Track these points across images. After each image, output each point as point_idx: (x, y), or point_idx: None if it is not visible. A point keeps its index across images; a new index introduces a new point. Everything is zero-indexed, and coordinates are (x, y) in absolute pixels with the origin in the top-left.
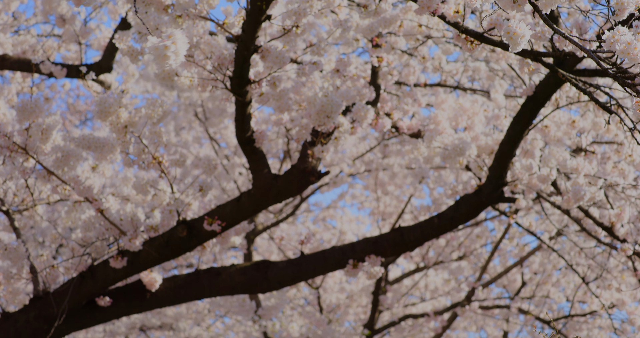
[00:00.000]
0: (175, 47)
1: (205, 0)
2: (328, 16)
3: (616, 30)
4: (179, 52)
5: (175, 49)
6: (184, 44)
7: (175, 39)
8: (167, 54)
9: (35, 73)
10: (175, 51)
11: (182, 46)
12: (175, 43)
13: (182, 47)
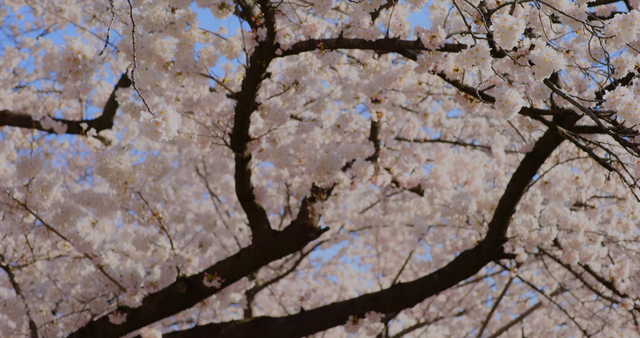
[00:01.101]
0: (166, 123)
1: (205, 58)
2: (328, 72)
3: (617, 91)
4: (170, 128)
5: (166, 125)
6: (175, 119)
7: (167, 115)
8: (158, 130)
9: (35, 129)
10: (167, 127)
11: (174, 121)
12: (166, 119)
13: (173, 123)
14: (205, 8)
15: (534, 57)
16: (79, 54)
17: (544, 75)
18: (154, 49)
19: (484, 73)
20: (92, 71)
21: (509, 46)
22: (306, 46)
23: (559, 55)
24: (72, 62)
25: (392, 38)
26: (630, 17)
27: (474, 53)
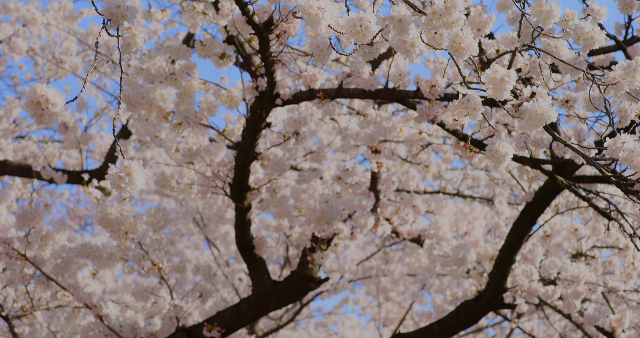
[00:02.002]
0: (129, 178)
1: (205, 108)
2: (328, 123)
3: (618, 138)
4: (134, 183)
5: (129, 180)
6: (141, 175)
7: (131, 170)
8: (121, 185)
9: (35, 179)
10: (130, 182)
11: (139, 177)
12: (130, 175)
13: (138, 179)
14: (205, 58)
15: (526, 110)
16: (42, 97)
17: (535, 127)
18: (154, 99)
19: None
20: (55, 115)
21: (500, 97)
22: (306, 96)
23: (551, 107)
24: (36, 105)
25: (391, 88)
26: (634, 64)
27: (465, 103)
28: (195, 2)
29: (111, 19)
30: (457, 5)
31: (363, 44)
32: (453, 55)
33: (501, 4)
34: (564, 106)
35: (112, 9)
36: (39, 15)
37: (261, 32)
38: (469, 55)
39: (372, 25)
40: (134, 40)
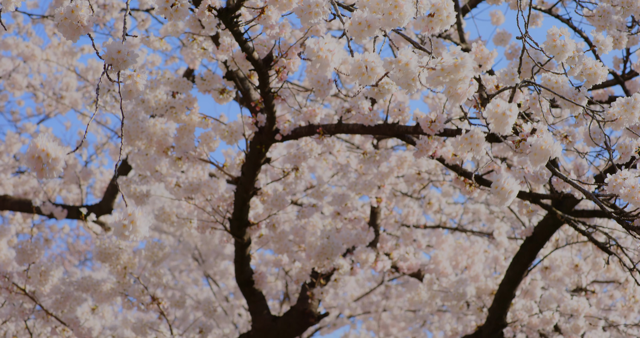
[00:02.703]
0: (133, 226)
1: (205, 143)
2: (328, 159)
3: (619, 174)
4: (138, 230)
5: (133, 228)
6: (144, 222)
7: (135, 218)
8: (125, 233)
9: (35, 214)
10: (134, 230)
11: (142, 224)
12: (133, 222)
13: (141, 226)
14: (205, 93)
15: (531, 145)
16: (43, 152)
17: (540, 162)
18: (154, 133)
19: (482, 158)
20: (55, 168)
21: (503, 132)
22: (306, 131)
23: (555, 142)
24: (36, 160)
25: (391, 123)
26: (632, 101)
27: (469, 139)
28: (194, 36)
29: (112, 64)
30: (466, 64)
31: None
32: (450, 100)
33: (498, 37)
34: (564, 141)
35: (113, 53)
36: (38, 51)
37: (261, 68)
38: (465, 100)
39: (378, 67)
40: (136, 87)
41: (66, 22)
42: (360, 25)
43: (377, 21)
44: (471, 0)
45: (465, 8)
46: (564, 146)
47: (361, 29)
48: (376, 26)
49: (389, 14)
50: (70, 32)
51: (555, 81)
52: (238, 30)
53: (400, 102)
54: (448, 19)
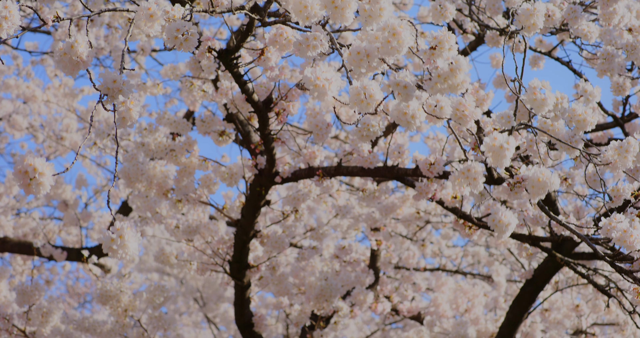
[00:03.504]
0: (121, 241)
1: (205, 185)
2: (327, 201)
3: (612, 218)
4: (126, 246)
5: (121, 242)
6: (133, 238)
7: (123, 233)
8: (113, 247)
9: (35, 256)
10: (122, 245)
11: (131, 240)
12: (122, 237)
13: (130, 242)
14: (205, 135)
15: (529, 177)
16: (30, 166)
17: (538, 195)
18: (154, 176)
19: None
20: (42, 184)
21: (501, 165)
22: (305, 174)
23: (553, 174)
24: (24, 175)
25: (390, 166)
26: (625, 144)
27: (466, 173)
28: (194, 79)
29: (107, 94)
30: (461, 67)
31: (361, 126)
32: (457, 122)
33: (498, 81)
34: (563, 184)
35: (108, 83)
36: (39, 93)
37: (260, 110)
38: (472, 123)
39: (377, 93)
40: (129, 114)
41: (65, 57)
42: (359, 54)
43: (375, 50)
44: (471, 43)
45: (465, 51)
46: (562, 191)
47: (360, 59)
48: (375, 56)
49: (387, 42)
50: (69, 67)
51: (551, 123)
52: (238, 72)
53: (399, 145)
54: (450, 51)
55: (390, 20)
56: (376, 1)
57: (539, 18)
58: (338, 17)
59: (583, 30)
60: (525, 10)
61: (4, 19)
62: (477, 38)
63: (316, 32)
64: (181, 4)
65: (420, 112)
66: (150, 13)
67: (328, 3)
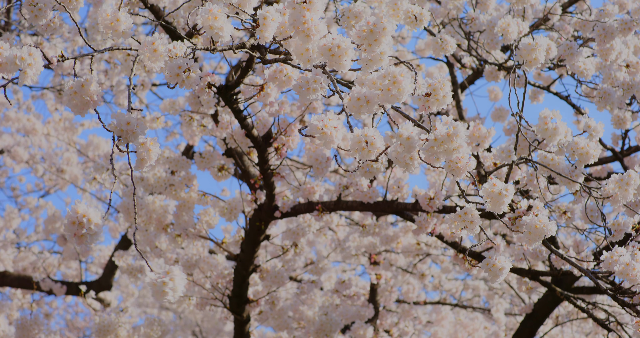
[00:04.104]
0: (173, 283)
1: (204, 220)
2: (327, 235)
3: (614, 251)
4: (177, 288)
5: (173, 285)
6: (181, 280)
7: (174, 275)
8: (165, 290)
9: (35, 290)
10: (173, 287)
11: (180, 282)
12: (173, 279)
13: (179, 284)
14: (205, 170)
15: (526, 224)
16: (84, 217)
17: (535, 241)
18: (154, 210)
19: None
20: (96, 234)
21: (498, 211)
22: (305, 208)
23: (550, 221)
24: (77, 225)
25: (390, 200)
26: (626, 177)
27: (462, 216)
28: (193, 114)
29: (121, 136)
30: (459, 133)
31: (363, 163)
32: (450, 174)
33: (496, 114)
34: (562, 217)
35: (122, 125)
36: (39, 126)
37: (260, 145)
38: (465, 174)
39: (378, 142)
40: (149, 155)
41: (76, 96)
42: (359, 100)
43: (376, 97)
44: (469, 77)
45: (463, 84)
46: (562, 225)
47: (360, 105)
48: (375, 102)
49: (387, 89)
50: (79, 106)
51: (551, 157)
52: (237, 108)
53: (399, 179)
54: (444, 99)
55: (391, 68)
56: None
57: (541, 53)
58: (335, 64)
59: (579, 67)
60: (527, 45)
61: (29, 67)
62: (476, 72)
63: (316, 75)
64: (180, 41)
65: (419, 153)
66: (154, 48)
67: (325, 50)
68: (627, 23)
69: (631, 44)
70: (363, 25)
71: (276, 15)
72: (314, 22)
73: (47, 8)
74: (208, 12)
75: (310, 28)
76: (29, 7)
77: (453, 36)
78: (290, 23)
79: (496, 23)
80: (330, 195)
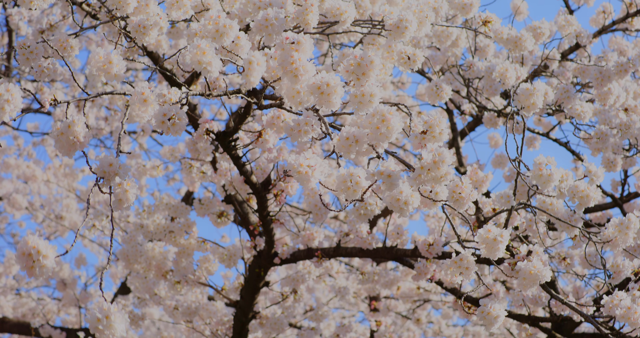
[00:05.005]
0: (107, 321)
1: (204, 267)
2: (327, 280)
3: (615, 295)
4: (113, 326)
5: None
6: (120, 319)
7: (109, 313)
8: (99, 327)
9: (34, 337)
10: (108, 325)
11: (118, 321)
12: (108, 317)
13: (117, 323)
14: (204, 217)
15: (521, 269)
16: (34, 249)
17: (529, 287)
18: (153, 257)
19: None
20: (46, 267)
21: (494, 257)
22: (304, 255)
23: (546, 267)
24: (27, 257)
25: (389, 246)
26: (626, 221)
27: (458, 262)
28: (192, 160)
29: (104, 177)
30: (445, 159)
31: (358, 205)
32: (453, 205)
33: (496, 160)
34: (562, 264)
35: (104, 166)
36: (39, 173)
37: (259, 192)
38: (468, 205)
39: (362, 180)
40: (126, 196)
41: (62, 137)
42: (348, 140)
43: (365, 136)
44: (469, 124)
45: (463, 131)
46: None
47: (349, 144)
48: (364, 141)
49: (376, 128)
50: (66, 147)
51: (550, 203)
52: (236, 154)
53: (398, 225)
54: (440, 136)
55: (379, 106)
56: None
57: (539, 98)
58: (325, 103)
59: (576, 110)
60: (525, 89)
61: (7, 103)
62: (475, 119)
63: (308, 118)
64: (178, 88)
65: (414, 197)
66: (143, 97)
67: (314, 89)
68: (623, 65)
69: (630, 90)
70: (350, 60)
71: (262, 60)
72: (302, 62)
73: (38, 51)
74: (196, 47)
75: (298, 68)
76: (21, 51)
77: (452, 83)
78: (279, 64)
79: (494, 69)
80: (330, 241)
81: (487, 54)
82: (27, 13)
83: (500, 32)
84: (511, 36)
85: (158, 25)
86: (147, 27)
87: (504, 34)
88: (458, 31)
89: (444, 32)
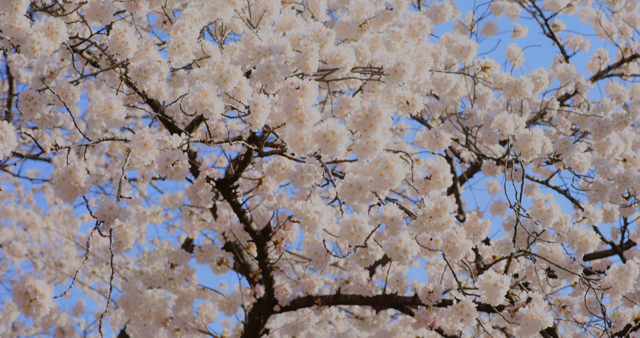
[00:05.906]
0: None
1: (203, 314)
2: (327, 327)
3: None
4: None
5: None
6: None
7: None
8: None
9: None
10: None
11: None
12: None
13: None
14: (204, 264)
15: (522, 315)
16: (31, 287)
17: (531, 333)
18: (153, 304)
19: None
20: (42, 305)
21: (494, 303)
22: (304, 302)
23: (547, 313)
24: (24, 296)
25: (389, 294)
26: (626, 268)
27: (459, 309)
28: (192, 208)
29: (104, 221)
30: (447, 207)
31: (359, 250)
32: (447, 256)
33: (495, 207)
34: (562, 311)
35: (105, 210)
36: (39, 220)
37: (259, 239)
38: (463, 255)
39: (366, 226)
40: (125, 238)
41: (64, 183)
42: (351, 187)
43: (368, 183)
44: (468, 170)
45: (462, 178)
46: (561, 318)
47: (352, 191)
48: (367, 188)
49: (380, 175)
50: (67, 193)
51: (550, 250)
52: (236, 201)
53: (398, 273)
54: (445, 182)
55: (383, 153)
56: (370, 133)
57: (537, 143)
58: (329, 151)
59: (575, 161)
60: (523, 136)
61: (0, 140)
62: (474, 166)
63: (310, 164)
64: (179, 134)
65: (413, 246)
66: (144, 142)
67: (319, 137)
68: (623, 117)
69: (629, 139)
70: (359, 111)
71: (267, 102)
72: (307, 108)
73: (42, 102)
74: (198, 89)
75: (303, 114)
76: (24, 102)
77: (451, 130)
78: (284, 109)
79: (493, 118)
80: (330, 288)
81: (486, 102)
82: (27, 59)
83: (500, 77)
84: (510, 81)
85: (159, 70)
86: (148, 72)
87: (503, 79)
88: (457, 79)
89: (443, 80)
